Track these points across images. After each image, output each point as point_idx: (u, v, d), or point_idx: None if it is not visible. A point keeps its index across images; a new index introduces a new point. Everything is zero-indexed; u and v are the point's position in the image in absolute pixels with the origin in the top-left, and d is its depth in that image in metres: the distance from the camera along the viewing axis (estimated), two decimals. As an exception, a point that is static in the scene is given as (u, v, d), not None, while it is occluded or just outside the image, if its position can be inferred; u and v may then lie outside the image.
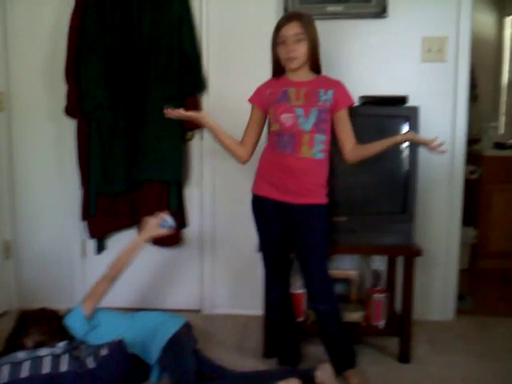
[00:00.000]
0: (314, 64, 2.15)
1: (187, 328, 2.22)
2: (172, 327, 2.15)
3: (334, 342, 2.26)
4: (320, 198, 2.14)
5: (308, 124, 2.08)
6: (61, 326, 2.11)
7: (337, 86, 2.13)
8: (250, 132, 2.25)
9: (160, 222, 2.23)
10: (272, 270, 2.30)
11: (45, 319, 2.10)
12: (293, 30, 2.05)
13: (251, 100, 2.23)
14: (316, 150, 2.09)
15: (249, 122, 2.26)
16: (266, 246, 2.27)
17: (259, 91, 2.22)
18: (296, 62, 2.09)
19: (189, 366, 2.04)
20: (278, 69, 2.17)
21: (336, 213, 2.33)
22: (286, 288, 2.34)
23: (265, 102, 2.18)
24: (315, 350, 2.47)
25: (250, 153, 2.26)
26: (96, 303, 2.20)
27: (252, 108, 2.25)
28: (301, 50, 2.06)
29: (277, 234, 2.22)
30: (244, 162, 2.28)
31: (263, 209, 2.22)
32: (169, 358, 2.05)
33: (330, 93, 2.10)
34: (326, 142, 2.13)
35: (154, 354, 2.08)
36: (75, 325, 2.14)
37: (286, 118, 2.10)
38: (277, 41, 2.10)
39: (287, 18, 2.11)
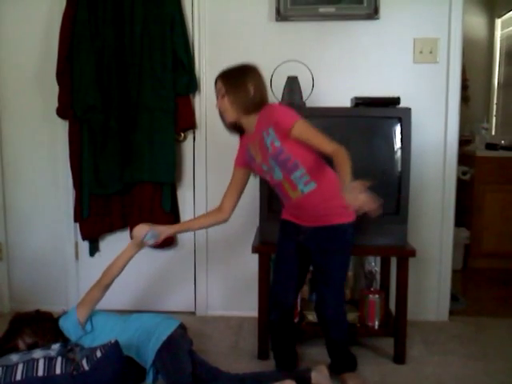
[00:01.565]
0: (247, 110, 2.06)
1: (182, 330, 2.21)
2: (166, 329, 2.13)
3: (337, 348, 2.25)
4: (336, 218, 2.08)
5: (278, 173, 2.05)
6: (55, 327, 2.10)
7: (272, 118, 2.00)
8: (232, 193, 2.26)
9: (143, 238, 2.21)
10: (272, 297, 2.29)
11: (38, 320, 2.09)
12: (217, 87, 2.12)
13: (234, 164, 2.25)
14: (301, 186, 2.04)
15: (231, 183, 2.27)
16: (277, 271, 2.26)
17: (238, 153, 2.23)
18: (227, 116, 2.10)
19: (184, 368, 2.03)
20: (230, 126, 2.18)
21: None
22: (286, 316, 2.29)
23: (243, 159, 2.20)
24: (311, 352, 2.48)
25: (230, 212, 2.27)
26: (90, 310, 2.20)
27: (234, 169, 2.25)
28: (224, 105, 2.08)
29: (289, 264, 2.21)
30: (227, 218, 2.29)
31: (285, 228, 2.23)
32: (164, 360, 2.04)
33: (271, 130, 1.99)
34: (309, 170, 2.02)
35: (149, 356, 2.06)
36: (69, 329, 2.14)
37: (265, 176, 2.15)
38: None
39: (216, 77, 2.16)
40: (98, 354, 1.89)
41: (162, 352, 2.04)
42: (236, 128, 2.18)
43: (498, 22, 4.82)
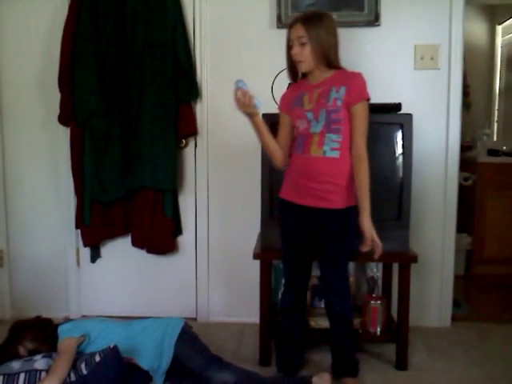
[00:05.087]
0: (328, 62, 2.06)
1: (188, 324, 2.26)
2: (177, 325, 2.18)
3: (340, 346, 2.24)
4: (340, 201, 2.06)
5: (318, 127, 2.04)
6: (55, 333, 2.10)
7: (351, 81, 2.04)
8: (281, 135, 2.21)
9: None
10: (287, 279, 2.27)
11: (39, 326, 2.09)
12: (296, 33, 2.03)
13: (279, 107, 2.24)
14: (327, 147, 2.03)
15: (279, 127, 2.23)
16: (287, 252, 2.24)
17: (283, 97, 2.22)
18: (303, 66, 2.07)
19: (205, 348, 2.19)
20: (294, 72, 2.15)
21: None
22: (303, 296, 2.31)
23: (288, 105, 2.17)
24: (313, 359, 2.47)
25: (286, 155, 2.20)
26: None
27: (280, 113, 2.23)
28: (304, 54, 2.03)
29: (298, 240, 2.19)
30: (282, 165, 2.21)
31: (287, 214, 2.19)
32: (185, 349, 2.11)
33: (343, 89, 2.02)
34: (343, 142, 2.04)
35: (164, 354, 2.09)
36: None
37: (300, 124, 2.10)
38: (288, 44, 2.09)
39: (293, 20, 2.07)
40: (97, 358, 1.89)
41: (179, 343, 2.10)
42: (294, 74, 2.15)
43: (499, 28, 4.84)
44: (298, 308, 2.28)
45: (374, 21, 2.74)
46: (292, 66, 2.14)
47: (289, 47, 2.10)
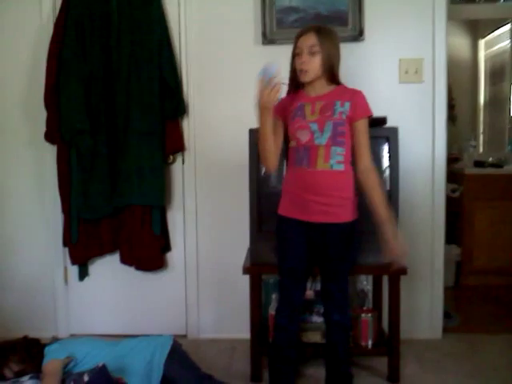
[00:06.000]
0: (332, 76, 2.07)
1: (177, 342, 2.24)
2: (167, 342, 2.16)
3: (336, 356, 2.19)
4: (344, 215, 2.06)
5: (323, 138, 2.02)
6: (42, 354, 2.06)
7: (355, 97, 2.06)
8: (276, 140, 2.12)
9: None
10: (285, 294, 2.20)
11: (25, 347, 2.06)
12: (308, 41, 2.01)
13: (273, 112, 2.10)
14: (333, 161, 2.02)
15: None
16: (287, 269, 2.18)
17: (279, 103, 2.06)
18: (307, 76, 2.03)
19: (197, 367, 2.19)
20: (295, 81, 2.11)
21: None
22: (299, 312, 2.27)
23: (284, 113, 2.12)
24: (306, 373, 2.47)
25: (277, 161, 2.14)
26: None
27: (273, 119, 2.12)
28: (314, 64, 2.02)
29: (300, 257, 2.14)
30: (274, 170, 2.16)
31: (287, 231, 2.14)
32: (174, 367, 2.08)
33: (347, 104, 2.03)
34: (346, 155, 2.05)
35: (154, 372, 2.06)
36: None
37: (302, 135, 2.05)
38: (295, 52, 2.07)
39: (306, 28, 2.06)
40: (86, 378, 1.86)
41: (169, 362, 2.08)
42: (296, 81, 2.11)
43: (482, 42, 4.92)
44: (293, 324, 2.24)
45: (358, 36, 2.78)
46: (295, 76, 2.10)
47: (293, 56, 2.08)
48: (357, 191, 2.08)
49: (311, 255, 2.15)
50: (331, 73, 2.07)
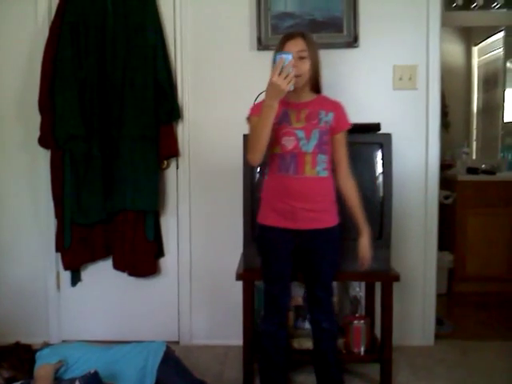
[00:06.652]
0: (315, 84, 2.10)
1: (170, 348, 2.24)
2: (160, 348, 2.16)
3: (326, 363, 2.20)
4: (330, 219, 2.11)
5: (310, 146, 2.04)
6: (33, 360, 2.05)
7: (337, 109, 2.12)
8: None
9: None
10: (273, 301, 2.20)
11: (16, 353, 2.04)
12: (297, 46, 2.00)
13: (252, 115, 2.08)
14: (320, 168, 2.06)
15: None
16: (273, 276, 2.18)
17: (259, 106, 2.02)
18: (299, 81, 2.00)
19: (190, 373, 2.18)
20: None
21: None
22: (286, 317, 2.29)
23: None
24: (296, 380, 2.45)
25: (263, 156, 2.07)
26: None
27: (252, 122, 2.09)
28: (303, 68, 2.01)
29: (286, 264, 2.15)
30: (256, 164, 2.10)
31: (271, 240, 2.14)
32: (167, 373, 2.08)
33: (331, 115, 2.08)
34: (329, 162, 2.10)
35: (148, 380, 2.06)
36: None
37: (288, 141, 2.04)
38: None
39: (292, 34, 2.06)
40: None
41: (162, 368, 2.08)
42: None
43: (475, 49, 4.95)
44: (281, 329, 2.25)
45: (352, 42, 2.79)
46: None
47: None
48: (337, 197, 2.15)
49: (295, 261, 2.16)
50: (316, 80, 2.10)
